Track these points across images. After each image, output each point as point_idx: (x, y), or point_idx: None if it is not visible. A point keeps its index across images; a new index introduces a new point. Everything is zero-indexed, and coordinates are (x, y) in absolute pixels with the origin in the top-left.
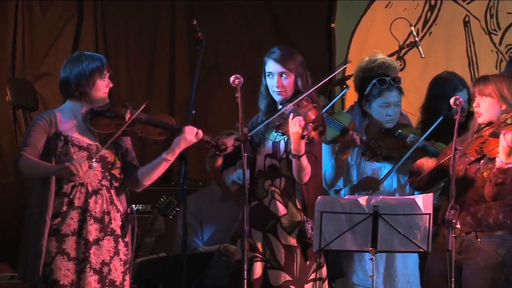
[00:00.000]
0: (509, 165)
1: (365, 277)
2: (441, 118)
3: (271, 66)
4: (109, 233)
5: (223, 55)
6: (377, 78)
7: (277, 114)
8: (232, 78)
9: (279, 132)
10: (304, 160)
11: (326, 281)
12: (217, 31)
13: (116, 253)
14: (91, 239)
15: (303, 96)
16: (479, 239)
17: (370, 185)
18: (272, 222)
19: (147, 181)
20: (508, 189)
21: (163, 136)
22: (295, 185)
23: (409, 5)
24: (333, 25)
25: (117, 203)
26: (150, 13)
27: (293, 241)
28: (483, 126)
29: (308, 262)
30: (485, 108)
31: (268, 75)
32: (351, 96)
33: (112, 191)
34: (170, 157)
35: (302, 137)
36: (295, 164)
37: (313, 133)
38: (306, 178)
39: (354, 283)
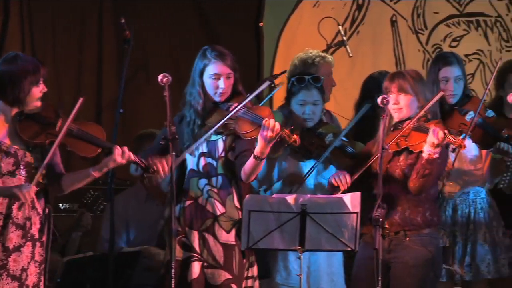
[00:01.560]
0: (436, 155)
1: (288, 277)
2: (367, 107)
3: (218, 67)
4: (29, 238)
5: (151, 54)
6: (296, 77)
7: (229, 115)
8: (160, 77)
9: (220, 133)
10: (263, 162)
11: (257, 280)
12: (145, 30)
13: (33, 257)
14: (11, 246)
15: (251, 97)
16: (407, 238)
17: (295, 180)
18: (209, 221)
19: (70, 189)
20: (433, 180)
21: (92, 153)
22: (232, 183)
23: (337, 5)
24: (261, 24)
25: (37, 207)
26: (77, 12)
27: (231, 239)
28: (401, 121)
29: (244, 260)
30: (405, 104)
31: (212, 76)
32: (279, 94)
33: (34, 196)
34: (96, 174)
35: (273, 139)
36: (253, 165)
37: (294, 136)
38: (253, 177)
39: (278, 283)
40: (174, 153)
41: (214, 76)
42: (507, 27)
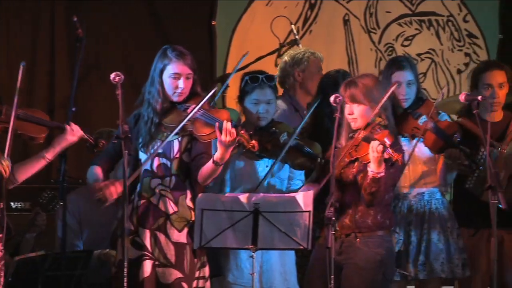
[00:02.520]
0: (381, 174)
1: (240, 276)
2: (317, 102)
3: (178, 67)
4: None
5: (104, 53)
6: (250, 75)
7: (188, 117)
8: (112, 76)
9: (177, 133)
10: (221, 167)
11: (209, 280)
12: (98, 28)
13: None
14: None
15: (207, 97)
16: (358, 240)
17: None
18: (161, 220)
19: (22, 177)
20: (382, 195)
21: (42, 133)
22: (186, 184)
23: (290, 4)
24: (213, 23)
25: None
26: (30, 10)
27: (183, 239)
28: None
29: (196, 260)
30: (359, 114)
31: (172, 75)
32: (232, 93)
33: None
34: (49, 155)
35: (231, 144)
36: (211, 169)
37: (252, 142)
38: (210, 181)
39: (230, 282)
40: (126, 151)
41: (174, 76)
42: (459, 27)
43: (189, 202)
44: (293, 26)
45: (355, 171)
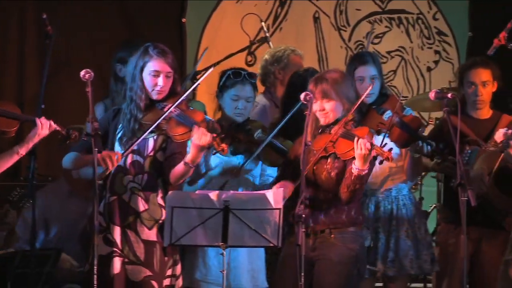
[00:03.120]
0: (365, 171)
1: (208, 273)
2: (299, 105)
3: (158, 64)
4: None
5: (73, 50)
6: (232, 70)
7: (164, 116)
8: (82, 73)
9: (152, 131)
10: (193, 169)
11: (180, 278)
12: (68, 26)
13: None
14: None
15: (183, 97)
16: (332, 235)
17: (231, 172)
18: (131, 217)
19: None
20: (362, 191)
21: (13, 127)
22: (158, 183)
23: (260, 1)
24: (184, 20)
25: None
26: None
27: (153, 236)
28: (327, 125)
29: (166, 258)
30: (330, 109)
31: (152, 73)
32: (202, 93)
33: None
34: (22, 151)
35: (204, 148)
36: (183, 171)
37: (222, 145)
38: (182, 181)
39: (197, 279)
40: (96, 149)
41: (154, 73)
42: (429, 24)
43: (160, 201)
44: (263, 23)
45: (329, 167)
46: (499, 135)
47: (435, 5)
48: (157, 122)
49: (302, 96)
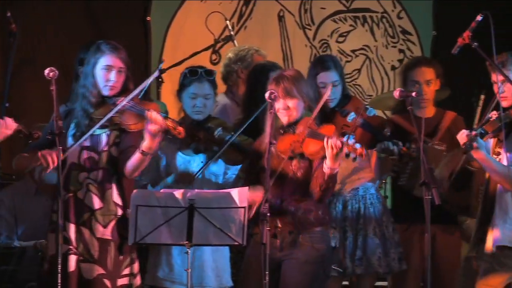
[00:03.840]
0: (336, 170)
1: (171, 272)
2: (260, 111)
3: (110, 59)
4: None
5: (38, 48)
6: (189, 69)
7: (116, 108)
8: (46, 71)
9: (105, 126)
10: (149, 158)
11: (138, 276)
12: (33, 24)
13: None
14: None
15: (138, 89)
16: (300, 236)
17: (185, 178)
18: (86, 215)
19: None
20: (333, 190)
21: None
22: (113, 178)
23: (224, 0)
24: (148, 18)
25: None
26: None
27: (107, 234)
28: (290, 124)
29: (122, 257)
30: (294, 107)
31: (104, 67)
32: (166, 88)
33: None
34: None
35: (158, 132)
36: (138, 160)
37: (178, 128)
38: (137, 173)
39: (160, 278)
40: (61, 147)
41: (106, 68)
42: (393, 23)
43: (115, 198)
44: (228, 22)
45: (296, 168)
46: (462, 136)
47: (400, 4)
48: (109, 115)
49: (266, 94)
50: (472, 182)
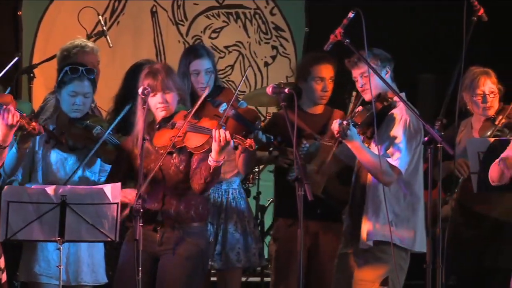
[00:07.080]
0: (221, 162)
1: (48, 267)
2: (130, 106)
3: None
4: None
5: None
6: (70, 66)
7: None
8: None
9: None
10: (5, 151)
11: (5, 272)
12: None
13: None
14: None
15: None
16: (181, 230)
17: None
18: None
19: None
20: (216, 182)
21: None
22: None
23: None
24: (19, 13)
25: None
26: None
27: None
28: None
29: None
30: (170, 102)
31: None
32: (39, 87)
33: None
34: None
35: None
36: None
37: (32, 124)
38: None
39: (36, 273)
40: None
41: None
42: (266, 20)
43: None
44: (100, 17)
45: (177, 161)
46: (335, 125)
47: (272, 1)
48: None
49: (140, 90)
50: None
